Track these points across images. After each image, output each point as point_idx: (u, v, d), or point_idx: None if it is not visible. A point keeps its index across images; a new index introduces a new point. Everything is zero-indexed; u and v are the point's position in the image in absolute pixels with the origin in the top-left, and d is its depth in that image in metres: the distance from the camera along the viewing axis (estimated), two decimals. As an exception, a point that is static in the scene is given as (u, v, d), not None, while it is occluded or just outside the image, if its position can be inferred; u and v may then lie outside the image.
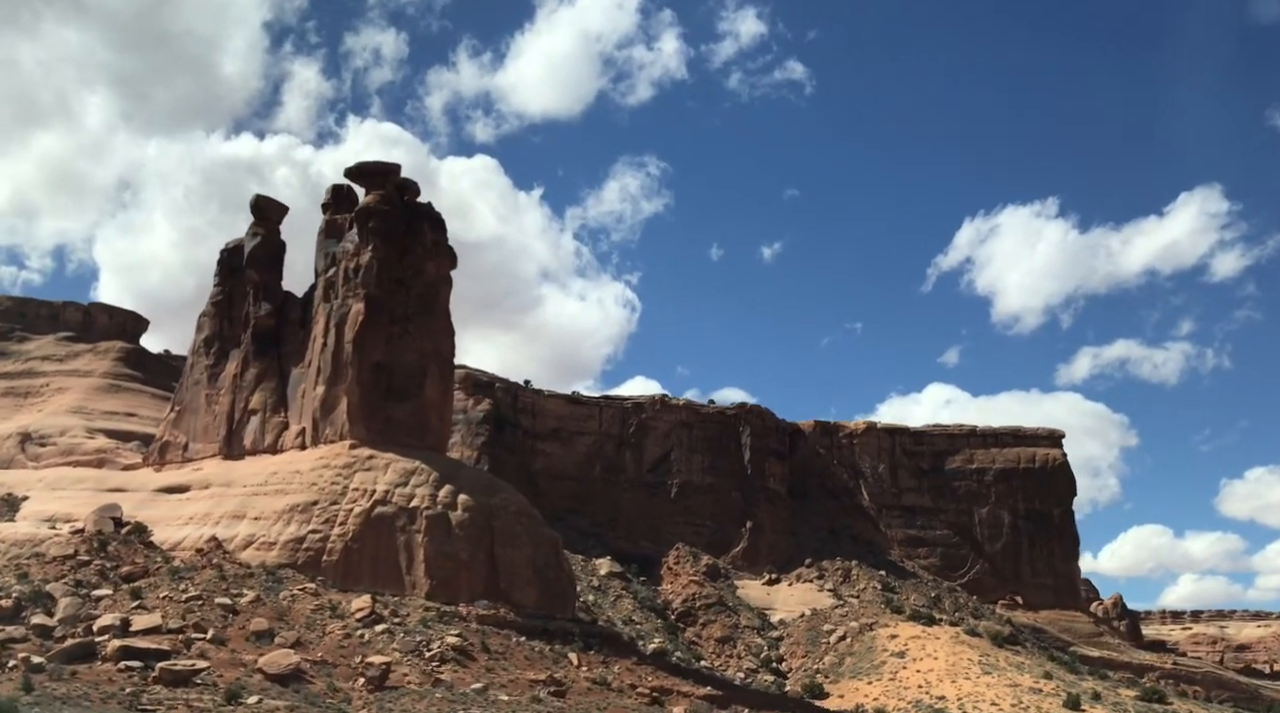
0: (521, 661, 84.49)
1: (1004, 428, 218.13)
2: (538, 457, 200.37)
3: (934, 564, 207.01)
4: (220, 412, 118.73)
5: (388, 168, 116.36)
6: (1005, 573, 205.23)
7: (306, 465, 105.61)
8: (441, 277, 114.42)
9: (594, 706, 71.85)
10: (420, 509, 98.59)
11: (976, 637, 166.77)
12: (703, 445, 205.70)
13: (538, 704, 67.80)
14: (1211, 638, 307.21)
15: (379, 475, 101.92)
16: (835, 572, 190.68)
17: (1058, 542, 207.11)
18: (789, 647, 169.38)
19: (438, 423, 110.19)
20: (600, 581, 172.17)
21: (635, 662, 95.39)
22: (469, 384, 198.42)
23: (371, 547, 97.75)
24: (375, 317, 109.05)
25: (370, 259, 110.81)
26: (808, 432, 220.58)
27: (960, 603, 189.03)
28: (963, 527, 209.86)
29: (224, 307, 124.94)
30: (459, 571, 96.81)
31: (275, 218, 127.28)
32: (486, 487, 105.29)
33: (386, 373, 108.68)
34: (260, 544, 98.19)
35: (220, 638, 77.16)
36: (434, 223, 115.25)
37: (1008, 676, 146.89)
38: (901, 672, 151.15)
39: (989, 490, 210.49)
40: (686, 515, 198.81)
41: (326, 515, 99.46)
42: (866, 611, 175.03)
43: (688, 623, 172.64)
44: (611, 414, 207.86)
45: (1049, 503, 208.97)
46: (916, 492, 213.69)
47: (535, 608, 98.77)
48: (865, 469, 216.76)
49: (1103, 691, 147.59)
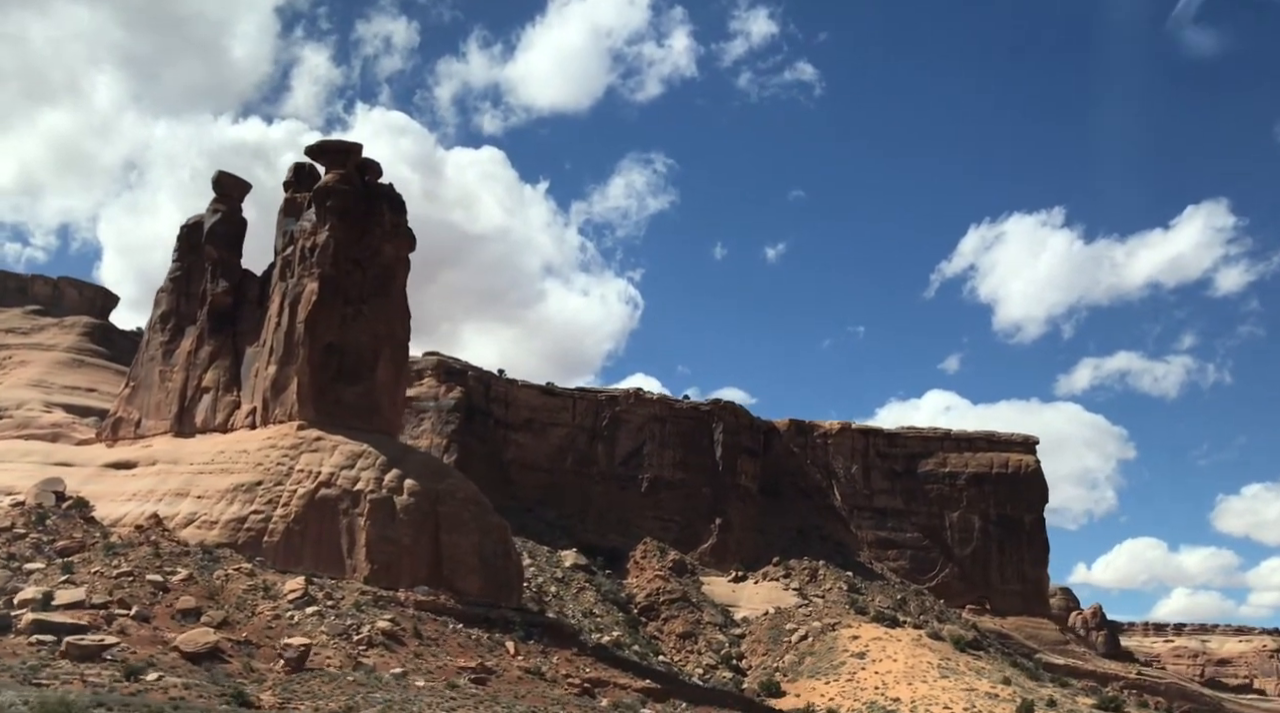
0: (454, 648, 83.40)
1: (978, 432, 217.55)
2: (509, 447, 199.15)
3: (903, 567, 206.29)
4: (173, 389, 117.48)
5: (349, 147, 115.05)
6: (974, 578, 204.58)
7: (254, 445, 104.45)
8: (399, 259, 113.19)
9: (515, 694, 70.74)
10: (364, 493, 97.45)
11: (939, 641, 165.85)
12: (675, 440, 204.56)
13: (452, 691, 66.66)
14: (1193, 652, 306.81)
15: (325, 457, 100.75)
16: (802, 571, 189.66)
17: (1028, 548, 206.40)
18: (750, 644, 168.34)
19: (389, 406, 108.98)
20: (564, 572, 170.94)
21: (575, 653, 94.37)
22: (441, 371, 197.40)
23: (314, 529, 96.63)
24: (329, 297, 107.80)
25: (327, 239, 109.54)
26: (782, 430, 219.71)
27: (926, 606, 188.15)
28: (933, 530, 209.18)
29: (182, 283, 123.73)
30: (401, 555, 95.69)
31: (237, 195, 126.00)
32: (434, 472, 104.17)
33: (338, 354, 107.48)
34: (201, 523, 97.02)
35: (144, 615, 75.91)
36: (394, 204, 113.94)
37: (966, 680, 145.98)
38: (860, 673, 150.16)
39: (961, 495, 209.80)
40: (656, 510, 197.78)
41: (270, 496, 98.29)
42: (830, 611, 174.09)
43: (650, 618, 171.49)
44: (585, 406, 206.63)
45: (1020, 509, 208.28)
46: (889, 494, 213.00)
47: (479, 596, 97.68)
48: (838, 469, 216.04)
49: (1060, 698, 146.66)
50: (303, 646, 70.46)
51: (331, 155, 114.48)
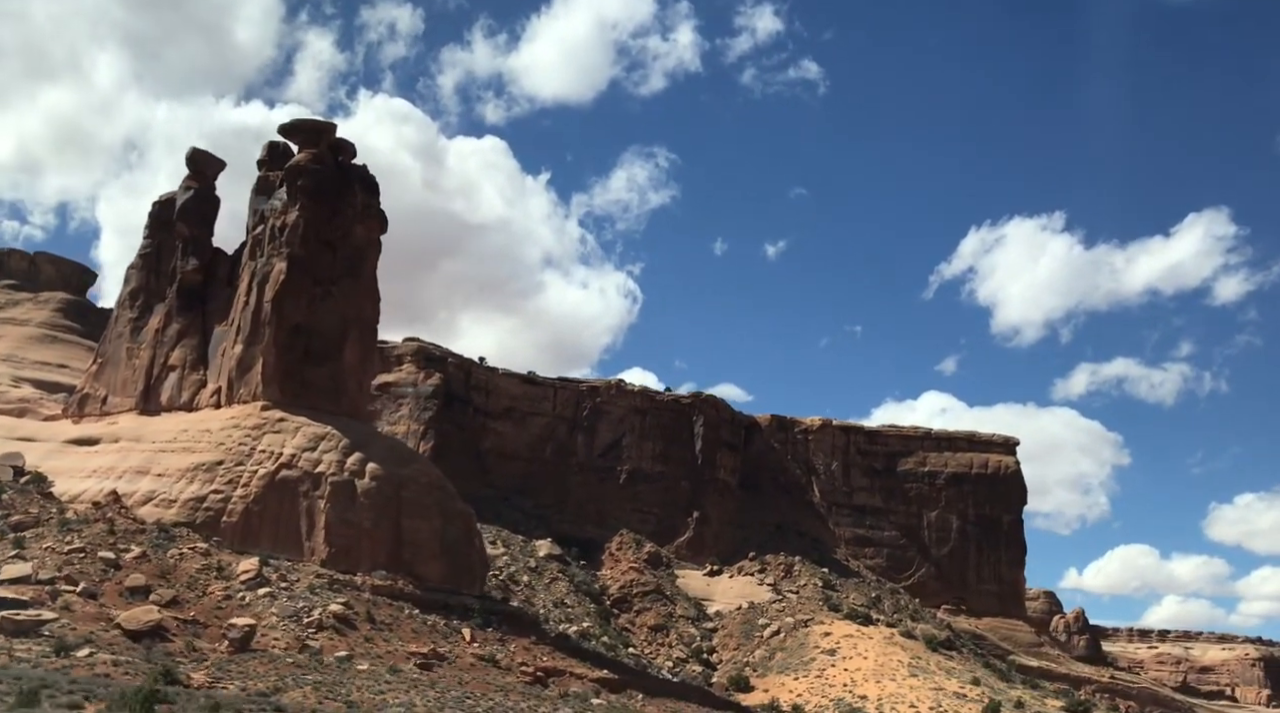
0: (408, 633, 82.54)
1: (958, 432, 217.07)
2: (488, 435, 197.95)
3: (880, 565, 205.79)
4: (140, 366, 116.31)
5: (322, 126, 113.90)
6: (950, 578, 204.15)
7: (217, 425, 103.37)
8: (370, 241, 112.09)
9: (461, 681, 69.89)
10: (325, 475, 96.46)
11: (912, 639, 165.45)
12: (655, 433, 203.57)
13: (393, 675, 65.81)
14: (1176, 658, 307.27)
15: (287, 439, 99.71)
16: (778, 566, 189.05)
17: (1005, 549, 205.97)
18: (722, 639, 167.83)
19: (355, 389, 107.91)
20: (538, 562, 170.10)
21: (534, 642, 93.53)
22: (420, 358, 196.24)
23: (273, 510, 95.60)
24: (298, 277, 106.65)
25: (297, 219, 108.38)
26: (764, 425, 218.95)
27: (901, 605, 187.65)
28: (911, 529, 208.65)
29: (152, 260, 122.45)
30: (360, 539, 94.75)
31: (210, 173, 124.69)
32: (398, 457, 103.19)
33: (305, 335, 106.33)
34: (160, 501, 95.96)
35: (92, 592, 74.95)
36: (366, 185, 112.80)
37: (935, 679, 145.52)
38: (829, 669, 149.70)
39: (940, 494, 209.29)
40: (634, 502, 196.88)
41: (230, 476, 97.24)
42: (804, 607, 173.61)
43: (622, 609, 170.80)
44: (566, 397, 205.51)
45: (999, 510, 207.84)
46: (868, 491, 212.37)
47: (440, 582, 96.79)
48: (818, 466, 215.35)
49: (1029, 700, 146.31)
50: (247, 626, 69.55)
51: (305, 134, 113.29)
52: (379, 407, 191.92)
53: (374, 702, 51.41)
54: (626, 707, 76.91)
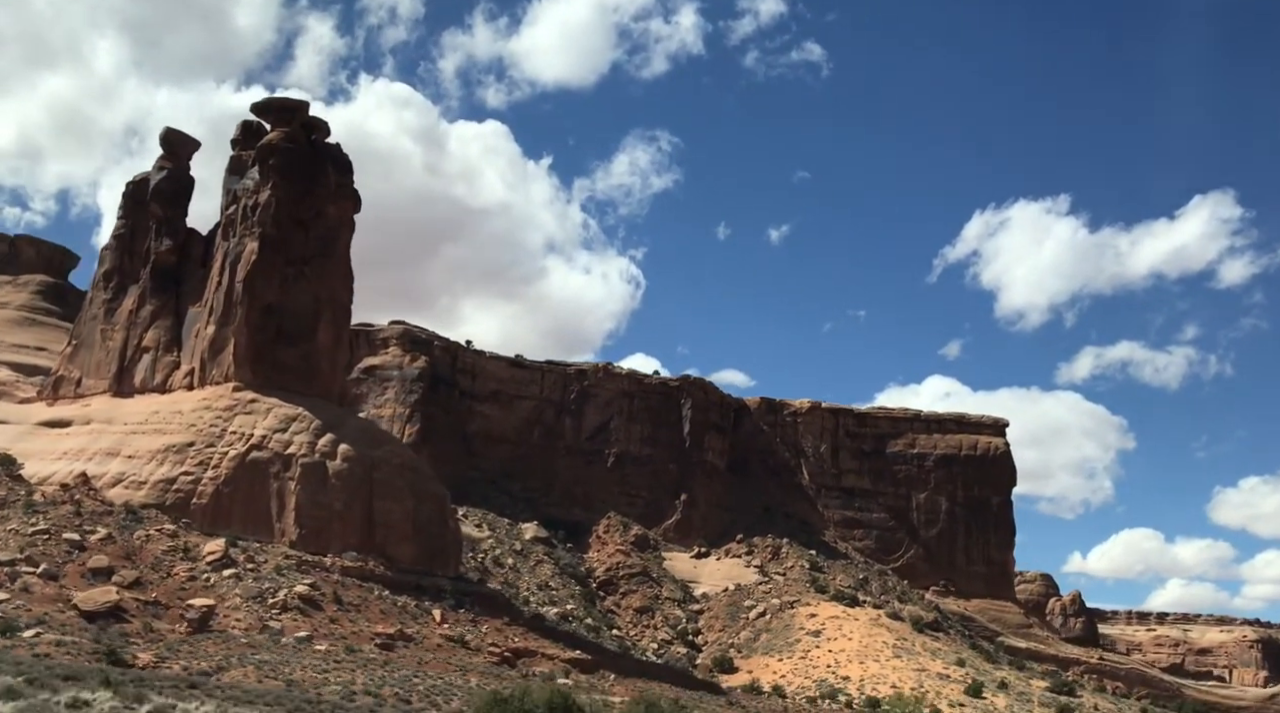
0: (375, 614, 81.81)
1: (948, 414, 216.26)
2: (475, 418, 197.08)
3: (869, 547, 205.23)
4: (113, 348, 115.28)
5: (295, 104, 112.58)
6: (939, 559, 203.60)
7: (188, 406, 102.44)
8: (343, 220, 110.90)
9: (420, 661, 69.16)
10: (296, 456, 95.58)
11: (898, 621, 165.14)
12: (643, 416, 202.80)
13: (350, 655, 65.06)
14: (1175, 641, 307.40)
15: (259, 420, 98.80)
16: (765, 549, 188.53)
17: (994, 531, 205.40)
18: (708, 620, 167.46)
19: (329, 370, 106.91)
20: (524, 545, 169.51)
21: (506, 623, 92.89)
22: (406, 341, 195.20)
23: (244, 492, 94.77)
24: (270, 257, 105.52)
25: (269, 198, 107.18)
26: (753, 408, 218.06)
27: (889, 586, 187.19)
28: (900, 511, 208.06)
29: (126, 241, 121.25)
30: (331, 521, 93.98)
31: (184, 153, 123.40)
32: (371, 438, 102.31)
33: (278, 316, 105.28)
34: (129, 483, 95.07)
35: (53, 573, 74.18)
36: (339, 164, 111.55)
37: (919, 660, 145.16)
38: (814, 651, 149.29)
39: (929, 476, 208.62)
40: (622, 485, 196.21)
41: (201, 458, 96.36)
42: (790, 589, 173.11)
43: (608, 592, 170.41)
44: (553, 380, 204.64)
45: (988, 491, 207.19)
46: (856, 473, 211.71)
47: (412, 564, 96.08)
48: (807, 448, 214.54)
49: (1014, 680, 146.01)
50: (205, 607, 68.79)
51: (277, 113, 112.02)
52: (365, 390, 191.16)
53: (316, 681, 50.69)
54: (594, 686, 76.22)
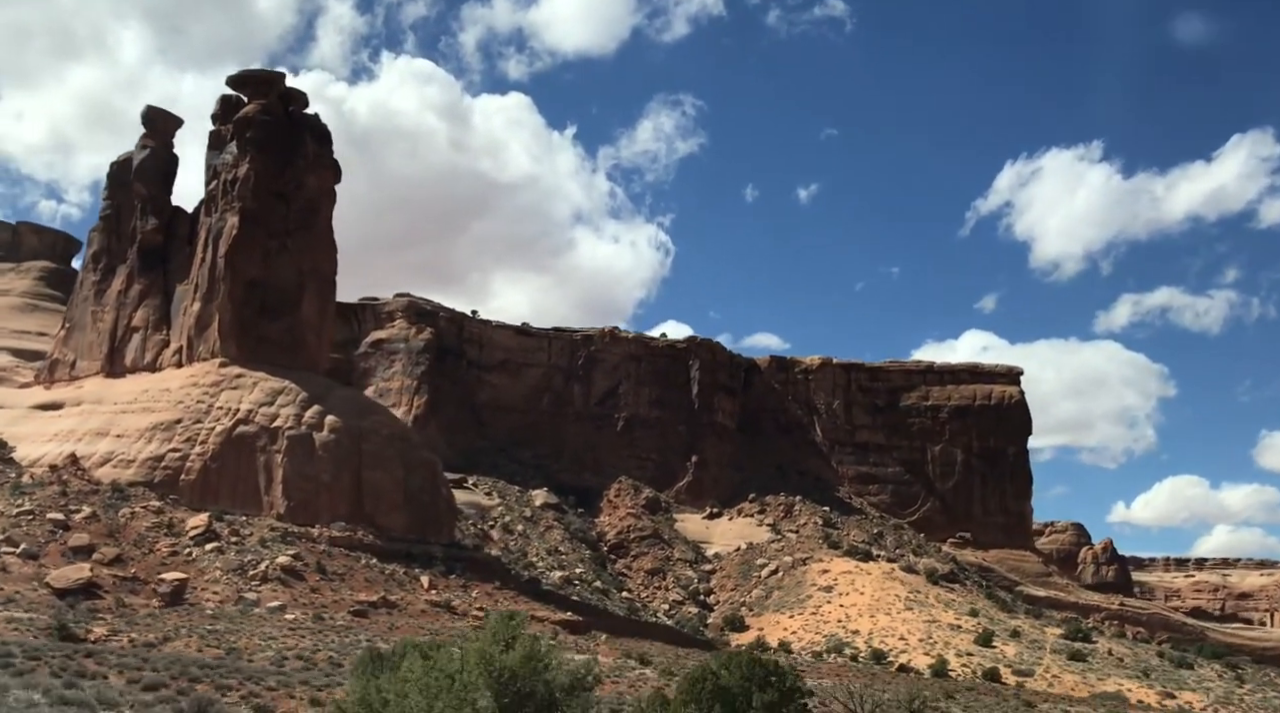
0: (360, 582, 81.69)
1: (961, 365, 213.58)
2: (484, 388, 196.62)
3: (885, 501, 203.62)
4: (104, 329, 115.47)
5: (271, 76, 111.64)
6: (956, 511, 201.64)
7: (176, 384, 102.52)
8: (324, 191, 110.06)
9: (392, 625, 68.93)
10: (283, 429, 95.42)
11: (912, 574, 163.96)
12: (651, 379, 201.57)
13: (317, 623, 64.87)
14: (1214, 586, 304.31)
15: (245, 395, 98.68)
16: (777, 507, 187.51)
17: (1010, 481, 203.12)
18: (720, 580, 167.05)
19: (315, 342, 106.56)
20: (534, 511, 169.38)
21: (498, 587, 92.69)
22: (411, 313, 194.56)
23: (231, 466, 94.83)
24: (250, 231, 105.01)
25: (247, 172, 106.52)
26: (763, 367, 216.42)
27: (904, 540, 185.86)
28: (915, 464, 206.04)
29: (112, 222, 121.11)
30: (319, 492, 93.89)
31: (167, 130, 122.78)
32: (358, 409, 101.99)
33: (261, 290, 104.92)
34: (118, 462, 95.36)
35: (32, 553, 74.46)
36: (318, 135, 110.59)
37: (931, 612, 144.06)
38: (825, 606, 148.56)
39: (943, 428, 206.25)
40: (632, 449, 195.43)
41: (188, 434, 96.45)
42: (803, 546, 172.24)
43: (619, 555, 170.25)
44: (560, 346, 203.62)
45: (1003, 441, 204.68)
46: (870, 428, 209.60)
47: (404, 532, 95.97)
48: (819, 405, 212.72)
49: (1028, 629, 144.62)
50: (177, 581, 68.78)
51: (254, 86, 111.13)
52: (373, 364, 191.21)
53: (257, 647, 50.41)
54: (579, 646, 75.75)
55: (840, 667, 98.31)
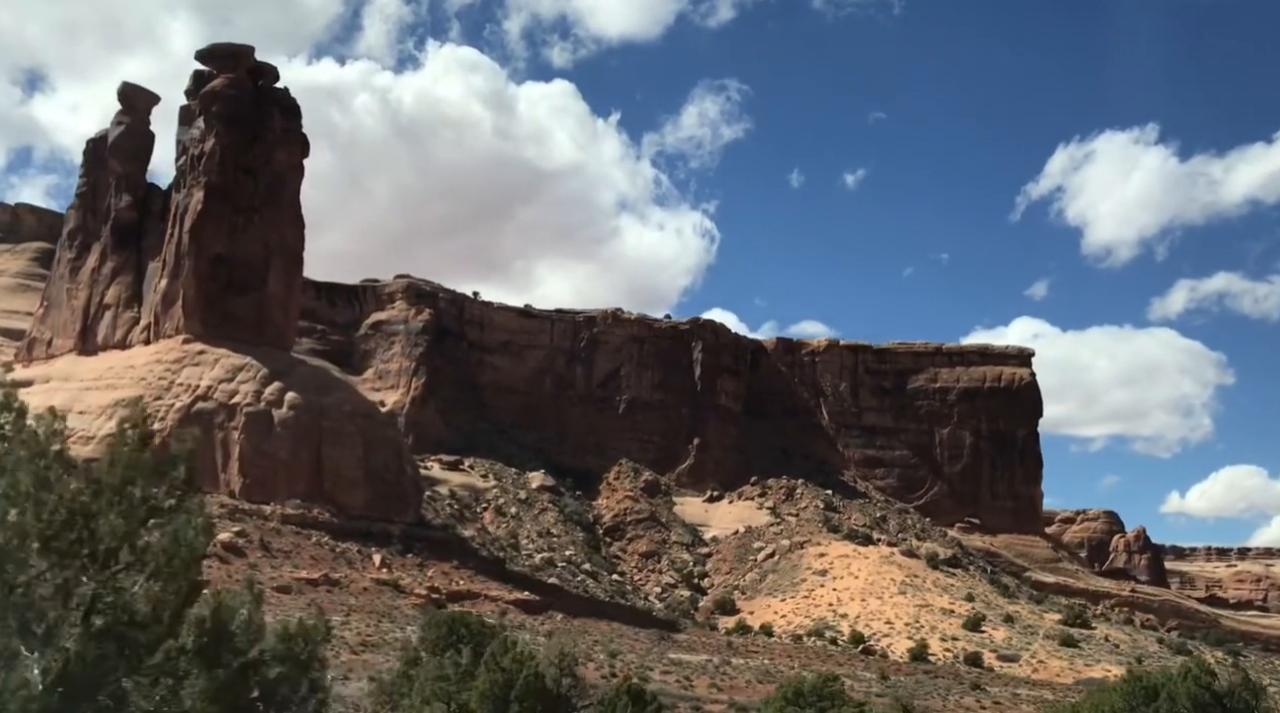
0: (306, 560, 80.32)
1: (971, 346, 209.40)
2: (485, 370, 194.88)
3: (891, 485, 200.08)
4: (77, 307, 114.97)
5: (239, 50, 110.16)
6: (964, 495, 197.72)
7: (141, 361, 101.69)
8: (292, 165, 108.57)
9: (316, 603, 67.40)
10: (240, 406, 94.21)
11: (912, 558, 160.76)
12: (654, 361, 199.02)
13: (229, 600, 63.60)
14: (1256, 576, 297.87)
15: (205, 371, 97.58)
16: (779, 490, 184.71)
17: (1020, 464, 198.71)
18: (715, 563, 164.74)
19: (281, 318, 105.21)
20: (529, 493, 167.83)
21: (456, 566, 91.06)
22: (411, 294, 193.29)
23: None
24: (216, 206, 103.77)
25: (213, 146, 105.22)
26: (770, 349, 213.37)
27: (908, 524, 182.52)
28: (923, 447, 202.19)
29: (88, 199, 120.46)
30: (277, 469, 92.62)
31: (143, 107, 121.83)
32: (320, 385, 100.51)
33: (227, 265, 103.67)
34: (77, 439, 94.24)
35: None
36: (286, 109, 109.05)
37: (925, 597, 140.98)
38: (818, 590, 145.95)
39: (951, 410, 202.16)
40: (634, 432, 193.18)
41: (149, 411, 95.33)
42: (802, 529, 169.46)
43: (615, 538, 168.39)
44: (563, 328, 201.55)
45: (1013, 424, 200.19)
46: (877, 411, 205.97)
47: (364, 510, 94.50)
48: (826, 388, 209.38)
49: (1025, 614, 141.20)
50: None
51: (222, 60, 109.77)
52: (373, 345, 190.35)
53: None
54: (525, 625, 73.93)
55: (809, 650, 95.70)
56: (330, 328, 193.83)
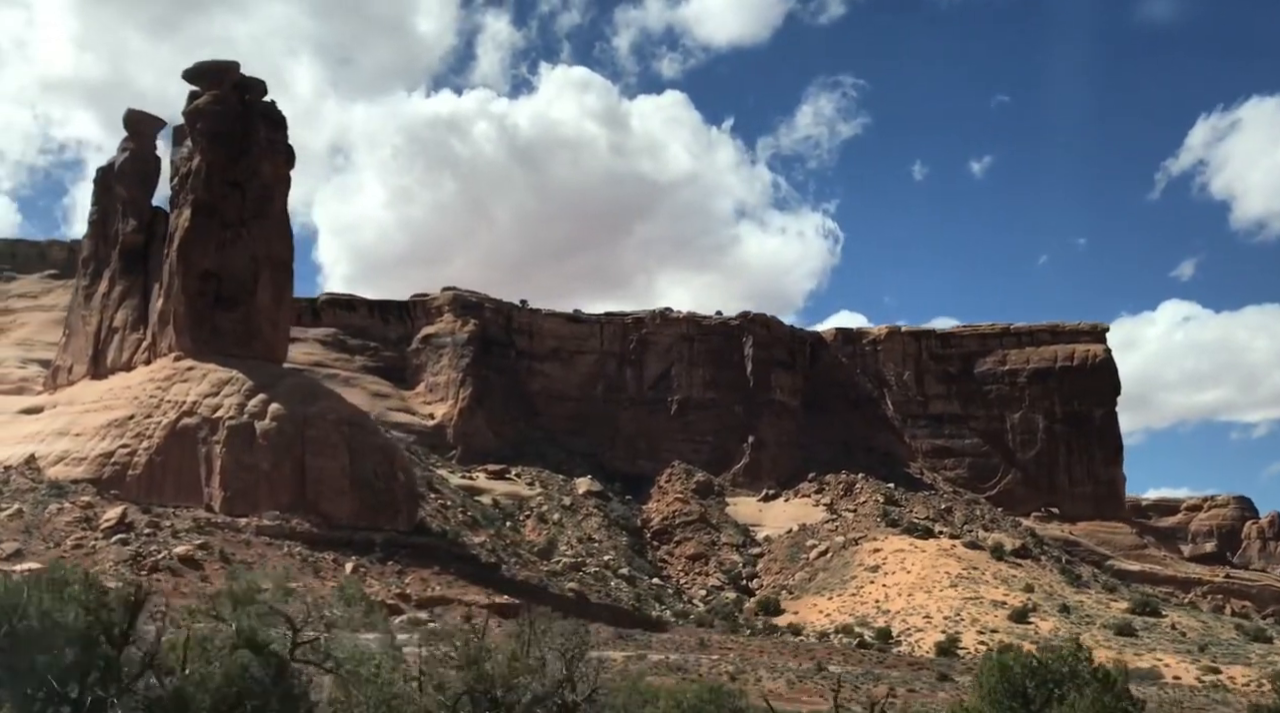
0: (266, 571, 78.43)
1: (1040, 325, 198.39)
2: (536, 378, 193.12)
3: (961, 475, 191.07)
4: (90, 332, 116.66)
5: (224, 66, 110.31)
6: (1039, 483, 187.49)
7: (136, 380, 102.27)
8: (279, 177, 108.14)
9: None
10: (223, 420, 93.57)
11: (975, 550, 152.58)
12: (704, 359, 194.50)
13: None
14: None
15: (192, 386, 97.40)
16: (837, 486, 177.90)
17: (1098, 447, 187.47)
18: (766, 563, 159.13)
19: (270, 331, 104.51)
20: (575, 500, 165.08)
21: (436, 572, 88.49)
22: (456, 306, 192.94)
23: (175, 460, 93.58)
24: (203, 223, 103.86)
25: (199, 163, 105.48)
26: (829, 340, 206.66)
27: (976, 515, 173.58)
28: (994, 434, 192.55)
29: (99, 226, 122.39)
30: (259, 482, 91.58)
31: (148, 133, 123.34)
32: (305, 396, 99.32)
33: (216, 281, 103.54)
34: (71, 460, 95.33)
35: (-69, 550, 74.02)
36: (271, 122, 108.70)
37: (978, 589, 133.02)
38: (867, 587, 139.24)
39: (1023, 394, 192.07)
40: (686, 433, 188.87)
41: (138, 430, 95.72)
42: (859, 525, 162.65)
43: (662, 541, 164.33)
44: (613, 331, 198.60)
45: (1090, 404, 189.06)
46: (944, 399, 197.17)
47: (351, 519, 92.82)
48: (889, 377, 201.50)
49: (1091, 604, 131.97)
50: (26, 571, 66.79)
51: (208, 77, 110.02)
52: (424, 359, 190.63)
53: None
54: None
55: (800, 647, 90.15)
56: (383, 345, 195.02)
